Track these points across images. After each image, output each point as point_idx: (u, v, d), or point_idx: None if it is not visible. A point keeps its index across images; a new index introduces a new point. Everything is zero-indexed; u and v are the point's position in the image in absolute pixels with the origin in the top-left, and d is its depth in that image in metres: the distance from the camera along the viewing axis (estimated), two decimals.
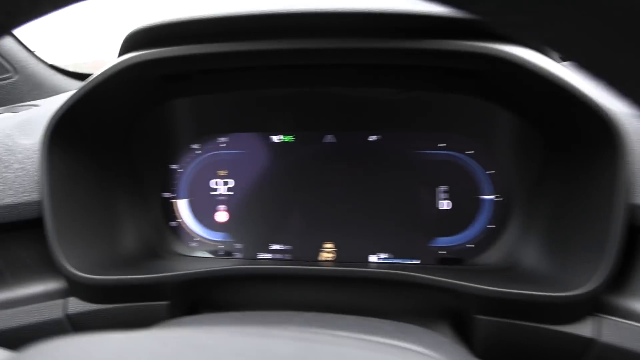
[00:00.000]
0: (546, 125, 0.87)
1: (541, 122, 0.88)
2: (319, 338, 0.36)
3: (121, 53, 0.83)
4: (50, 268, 0.82)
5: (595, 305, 0.75)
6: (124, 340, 0.33)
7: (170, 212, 1.07)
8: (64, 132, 0.83)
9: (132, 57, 0.79)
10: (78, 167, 0.87)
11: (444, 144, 1.01)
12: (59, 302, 0.84)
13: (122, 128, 0.97)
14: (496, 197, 0.99)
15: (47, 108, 0.93)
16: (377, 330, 0.62)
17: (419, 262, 1.01)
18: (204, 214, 1.06)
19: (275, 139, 1.04)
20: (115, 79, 0.80)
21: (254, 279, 0.91)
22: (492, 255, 0.99)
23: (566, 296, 0.72)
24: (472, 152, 1.00)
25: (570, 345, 0.75)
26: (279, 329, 0.37)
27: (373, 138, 1.02)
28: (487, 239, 1.00)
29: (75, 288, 0.84)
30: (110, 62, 0.81)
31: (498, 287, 0.76)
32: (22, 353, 0.33)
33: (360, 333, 0.60)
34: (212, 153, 1.06)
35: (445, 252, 1.00)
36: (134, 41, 0.81)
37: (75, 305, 0.84)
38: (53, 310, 0.84)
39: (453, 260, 1.00)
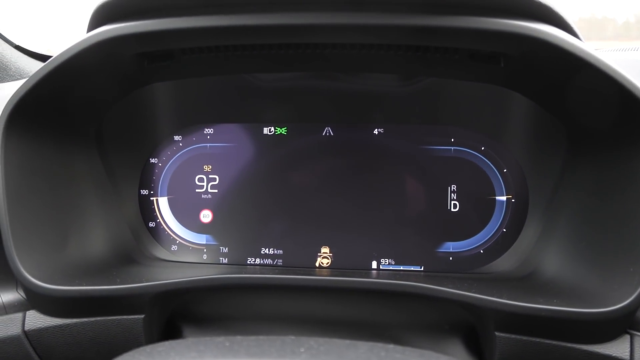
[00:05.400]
0: (572, 114, 0.79)
1: (566, 110, 0.80)
2: None
3: (90, 28, 0.74)
4: (6, 277, 0.76)
5: (629, 321, 0.68)
6: None
7: (148, 212, 1.00)
8: (22, 120, 0.74)
9: (102, 32, 0.70)
10: (39, 160, 0.80)
11: (453, 139, 0.94)
12: (16, 316, 0.77)
13: (93, 115, 0.88)
14: (509, 198, 0.93)
15: (7, 92, 0.84)
16: None
17: (424, 269, 0.94)
18: (186, 214, 0.99)
19: (267, 130, 0.97)
20: (83, 57, 0.71)
21: (241, 289, 0.83)
22: (506, 262, 0.93)
23: (604, 312, 0.65)
24: (483, 147, 0.94)
25: None
26: None
27: (375, 132, 0.95)
28: (499, 244, 0.93)
29: (35, 300, 0.78)
30: (77, 38, 0.71)
31: (521, 302, 0.69)
32: None
33: None
34: (197, 146, 0.99)
35: (453, 258, 0.94)
36: (105, 13, 0.71)
37: (35, 320, 0.77)
38: (9, 325, 0.77)
39: (462, 268, 0.93)
